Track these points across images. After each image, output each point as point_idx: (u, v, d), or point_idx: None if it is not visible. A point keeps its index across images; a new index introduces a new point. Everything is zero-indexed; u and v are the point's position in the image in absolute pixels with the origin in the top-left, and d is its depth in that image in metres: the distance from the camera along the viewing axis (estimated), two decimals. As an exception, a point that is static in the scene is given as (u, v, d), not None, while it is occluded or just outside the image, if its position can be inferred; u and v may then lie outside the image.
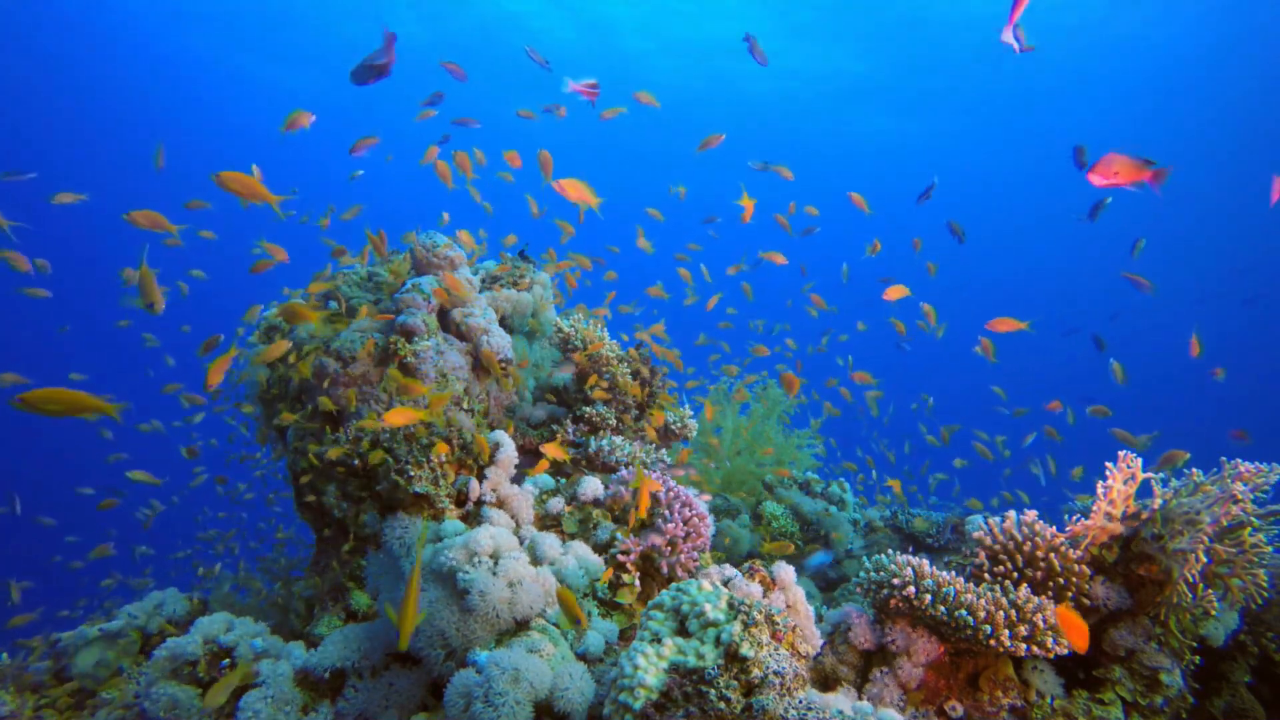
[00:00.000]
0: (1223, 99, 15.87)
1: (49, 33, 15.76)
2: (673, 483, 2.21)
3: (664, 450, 2.89)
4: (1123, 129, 17.76)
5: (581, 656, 1.80)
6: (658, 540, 2.07)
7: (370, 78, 2.58)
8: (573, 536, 2.19)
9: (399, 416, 1.95)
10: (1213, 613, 1.81)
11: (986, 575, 1.93)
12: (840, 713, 1.31)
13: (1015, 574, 1.90)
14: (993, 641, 1.66)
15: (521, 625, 1.81)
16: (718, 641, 1.37)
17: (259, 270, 3.04)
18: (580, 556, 2.02)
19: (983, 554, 1.97)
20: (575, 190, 2.64)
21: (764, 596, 1.85)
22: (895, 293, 3.29)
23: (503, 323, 3.06)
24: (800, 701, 1.33)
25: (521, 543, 2.02)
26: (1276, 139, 16.75)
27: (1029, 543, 1.89)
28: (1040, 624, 1.68)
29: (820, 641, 1.78)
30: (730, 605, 1.43)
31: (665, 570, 2.06)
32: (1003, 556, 1.92)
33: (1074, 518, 1.94)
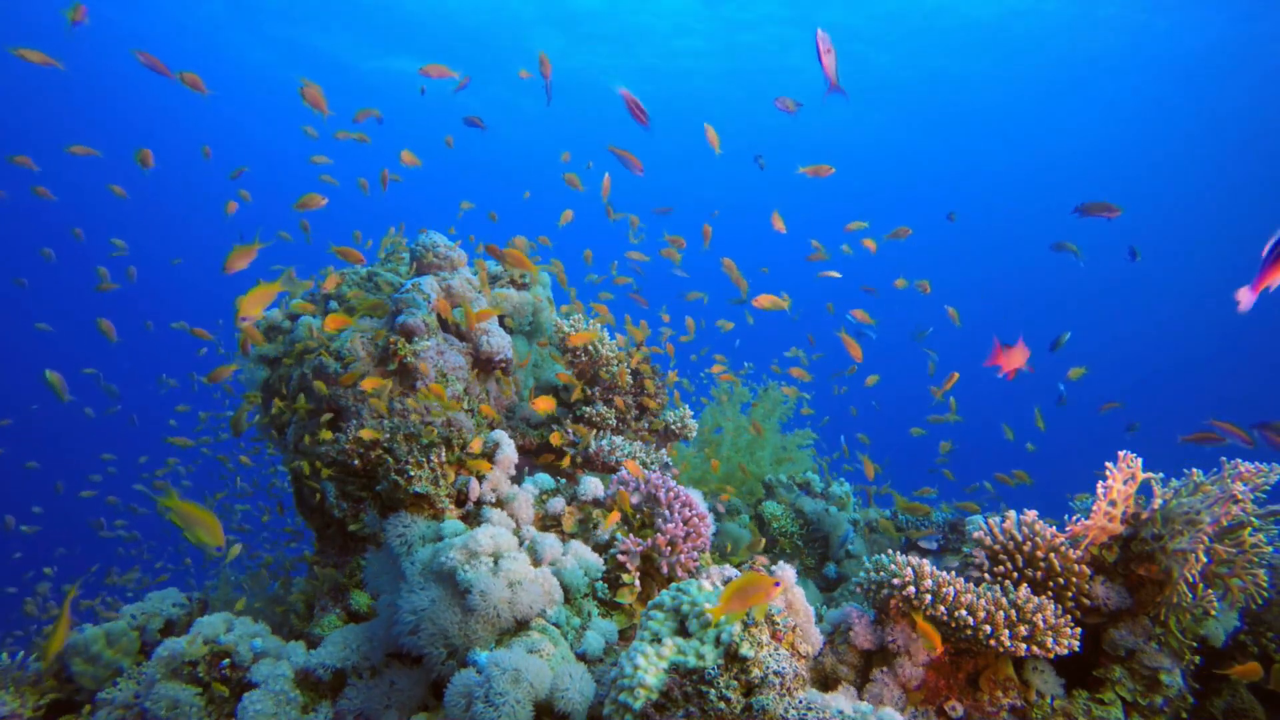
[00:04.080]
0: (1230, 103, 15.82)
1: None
2: (673, 482, 2.20)
3: (664, 450, 2.89)
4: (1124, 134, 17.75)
5: (581, 656, 1.80)
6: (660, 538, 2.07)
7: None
8: (573, 536, 2.19)
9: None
10: (1213, 613, 1.81)
11: (986, 575, 1.93)
12: (840, 712, 1.31)
13: (1015, 574, 1.90)
14: (993, 642, 1.66)
15: (522, 625, 1.81)
16: (718, 641, 1.37)
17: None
18: (580, 556, 2.02)
19: (982, 554, 1.97)
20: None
21: (764, 596, 1.84)
22: (766, 301, 2.97)
23: (502, 323, 3.06)
24: (800, 701, 1.33)
25: (522, 543, 2.02)
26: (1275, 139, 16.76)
27: (1029, 543, 1.89)
28: (1040, 624, 1.68)
29: (820, 641, 1.78)
30: (730, 605, 1.43)
31: (665, 570, 2.06)
32: (1003, 556, 1.92)
33: (1074, 518, 1.94)
